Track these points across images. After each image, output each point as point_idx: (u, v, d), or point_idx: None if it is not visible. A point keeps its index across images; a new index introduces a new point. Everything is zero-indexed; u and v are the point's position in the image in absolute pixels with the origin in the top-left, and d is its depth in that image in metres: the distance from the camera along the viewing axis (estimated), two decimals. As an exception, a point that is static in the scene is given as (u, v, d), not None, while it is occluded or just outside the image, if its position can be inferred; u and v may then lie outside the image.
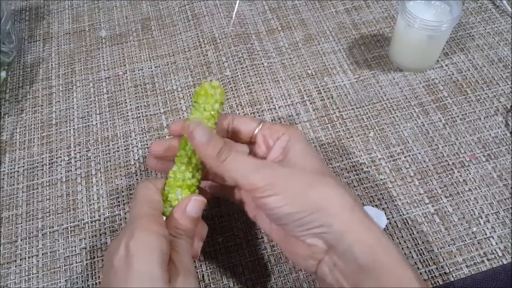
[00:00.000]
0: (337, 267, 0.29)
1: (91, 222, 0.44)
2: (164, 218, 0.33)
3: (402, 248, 0.40)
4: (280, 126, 0.34)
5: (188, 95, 0.53)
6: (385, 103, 0.50)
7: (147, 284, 0.27)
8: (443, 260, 0.40)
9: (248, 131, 0.35)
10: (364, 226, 0.29)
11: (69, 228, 0.44)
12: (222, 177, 0.35)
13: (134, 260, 0.27)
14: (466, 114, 0.48)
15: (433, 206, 0.43)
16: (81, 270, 0.41)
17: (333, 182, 0.30)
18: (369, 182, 0.44)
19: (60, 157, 0.48)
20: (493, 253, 0.40)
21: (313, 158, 0.33)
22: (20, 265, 0.42)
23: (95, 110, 0.52)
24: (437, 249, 0.40)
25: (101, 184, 0.46)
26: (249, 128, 0.35)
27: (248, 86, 0.52)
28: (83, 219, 0.44)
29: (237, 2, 0.44)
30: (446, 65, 0.52)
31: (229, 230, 0.42)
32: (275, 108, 0.50)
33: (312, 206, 0.29)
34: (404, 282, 0.28)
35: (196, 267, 0.40)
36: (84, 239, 0.43)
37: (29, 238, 0.43)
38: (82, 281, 0.40)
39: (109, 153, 0.48)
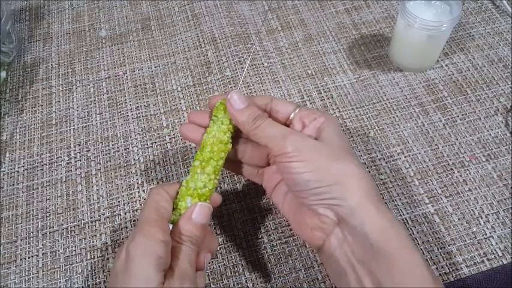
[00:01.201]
0: (347, 241, 0.30)
1: (91, 222, 0.44)
2: (171, 226, 0.33)
3: (402, 248, 0.40)
4: (317, 111, 0.35)
5: (188, 95, 0.53)
6: (385, 103, 0.50)
7: (141, 284, 0.28)
8: (443, 260, 0.40)
9: (286, 113, 0.36)
10: (378, 209, 0.30)
11: (69, 228, 0.44)
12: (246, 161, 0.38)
13: (132, 262, 0.28)
14: (466, 114, 0.48)
15: (433, 206, 0.43)
16: (81, 270, 0.41)
17: (357, 163, 0.31)
18: (369, 182, 0.44)
19: (60, 157, 0.48)
20: (493, 253, 0.40)
21: (343, 140, 0.34)
22: (20, 265, 0.42)
23: (95, 110, 0.52)
24: (437, 249, 0.40)
25: (101, 184, 0.46)
26: (286, 109, 0.36)
27: (248, 86, 0.52)
28: (83, 219, 0.44)
29: (267, 8, 0.44)
30: (446, 65, 0.52)
31: (229, 230, 0.42)
32: (275, 108, 0.50)
33: (331, 178, 0.30)
34: (413, 266, 0.28)
35: (196, 267, 0.41)
36: (84, 239, 0.43)
37: (29, 238, 0.43)
38: (82, 281, 0.40)
39: (109, 153, 0.48)
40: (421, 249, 0.40)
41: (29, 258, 0.42)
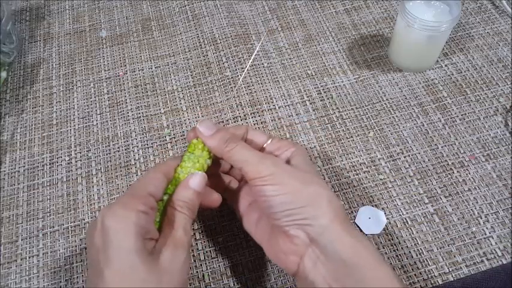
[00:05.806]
0: (320, 261, 0.31)
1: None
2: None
3: (401, 248, 0.40)
4: (288, 142, 0.38)
5: (188, 95, 0.53)
6: (385, 103, 0.50)
7: (123, 256, 0.28)
8: (443, 259, 0.40)
9: (259, 143, 0.38)
10: (345, 227, 0.31)
11: (69, 228, 0.44)
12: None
13: (110, 234, 0.29)
14: (465, 114, 0.48)
15: (432, 205, 0.43)
16: (82, 270, 0.41)
17: (326, 187, 0.34)
18: (369, 182, 0.44)
19: (61, 157, 0.49)
20: (493, 253, 0.40)
21: (312, 167, 0.37)
22: (21, 265, 0.42)
23: (96, 110, 0.52)
24: (437, 249, 0.40)
25: (102, 184, 0.46)
26: (260, 140, 0.38)
27: (248, 86, 0.53)
28: (84, 219, 0.44)
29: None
30: (445, 65, 0.53)
31: (229, 230, 0.42)
32: (275, 108, 0.50)
33: (304, 199, 0.32)
34: (385, 280, 0.29)
35: (196, 266, 0.41)
36: (85, 238, 0.43)
37: (29, 238, 0.43)
38: (82, 281, 0.41)
39: (109, 153, 0.49)
40: (420, 249, 0.40)
41: (29, 258, 0.42)
